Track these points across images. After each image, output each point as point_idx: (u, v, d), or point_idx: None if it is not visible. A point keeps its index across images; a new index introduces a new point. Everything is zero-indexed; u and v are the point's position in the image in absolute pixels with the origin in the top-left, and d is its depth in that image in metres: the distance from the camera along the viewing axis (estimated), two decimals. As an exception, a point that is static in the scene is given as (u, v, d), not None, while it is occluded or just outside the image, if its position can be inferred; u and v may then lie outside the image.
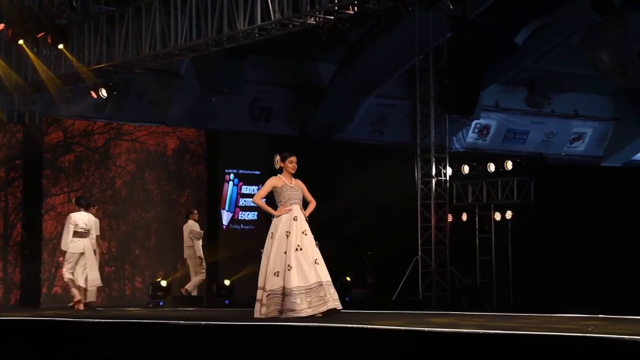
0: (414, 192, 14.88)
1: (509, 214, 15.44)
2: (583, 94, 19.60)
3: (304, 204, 8.87)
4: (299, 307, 8.38)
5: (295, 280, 8.45)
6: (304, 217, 8.76)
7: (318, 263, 8.58)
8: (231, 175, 17.45)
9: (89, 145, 16.28)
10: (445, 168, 14.95)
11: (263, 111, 17.26)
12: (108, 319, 8.88)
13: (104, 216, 15.33)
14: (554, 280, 14.65)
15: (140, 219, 16.77)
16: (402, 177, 15.53)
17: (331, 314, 8.50)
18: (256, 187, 17.60)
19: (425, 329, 6.39)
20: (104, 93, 13.59)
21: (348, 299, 14.38)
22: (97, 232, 13.20)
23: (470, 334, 6.18)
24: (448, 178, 14.99)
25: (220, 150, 17.37)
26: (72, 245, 12.47)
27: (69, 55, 13.10)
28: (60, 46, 12.86)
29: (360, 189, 15.76)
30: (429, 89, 14.74)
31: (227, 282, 15.36)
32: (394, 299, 14.54)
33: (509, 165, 15.16)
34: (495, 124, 19.41)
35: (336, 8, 10.67)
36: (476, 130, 19.31)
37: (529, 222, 15.20)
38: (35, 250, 15.41)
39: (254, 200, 9.07)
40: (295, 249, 8.54)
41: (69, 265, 12.49)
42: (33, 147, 15.44)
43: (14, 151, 15.41)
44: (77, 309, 12.44)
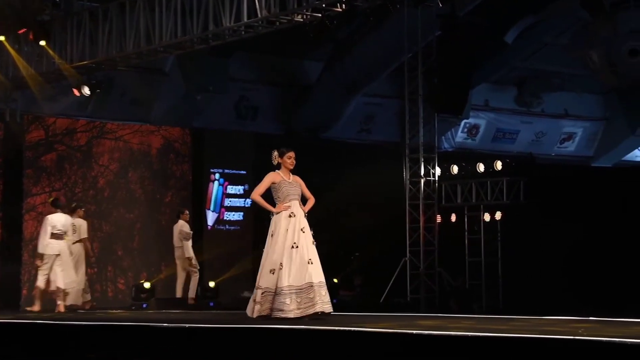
0: (402, 193, 14.90)
1: (498, 215, 15.47)
2: (573, 93, 19.68)
3: (303, 201, 8.80)
4: (288, 308, 8.36)
5: (286, 280, 8.42)
6: (303, 214, 8.71)
7: (312, 263, 8.54)
8: (216, 175, 17.44)
9: (71, 144, 16.23)
10: (434, 168, 14.97)
11: (249, 110, 17.25)
12: (90, 322, 8.85)
13: (86, 216, 15.27)
14: (544, 282, 14.69)
15: (123, 219, 16.73)
16: (390, 177, 15.54)
17: (318, 317, 8.48)
18: (242, 187, 17.60)
19: (414, 332, 6.40)
20: (86, 91, 13.55)
21: (335, 300, 14.27)
22: (85, 235, 13.20)
23: (459, 336, 6.20)
24: (437, 178, 15.01)
25: (205, 149, 17.35)
26: (49, 247, 12.48)
27: (51, 52, 13.06)
28: (42, 43, 12.82)
29: (347, 189, 15.77)
30: (417, 87, 14.76)
31: (212, 284, 15.35)
32: (381, 301, 14.55)
33: (499, 165, 15.20)
34: (484, 123, 19.46)
35: (324, 5, 10.68)
36: (465, 130, 19.36)
37: (519, 223, 15.23)
38: (15, 251, 15.34)
39: (252, 196, 8.85)
40: (291, 247, 8.50)
41: (44, 270, 12.49)
42: (14, 146, 15.38)
43: (-6, 149, 15.36)
44: (58, 311, 12.45)
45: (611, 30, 13.44)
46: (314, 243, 8.65)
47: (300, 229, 8.60)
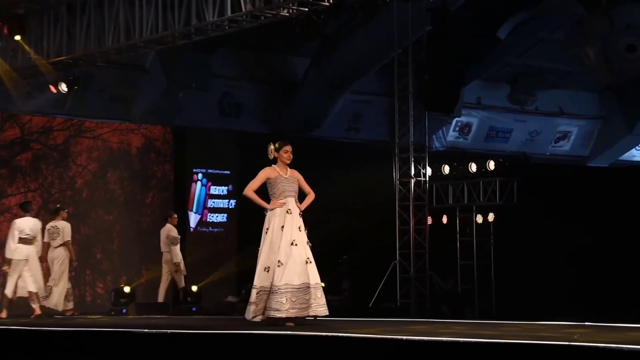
0: (391, 193, 14.91)
1: (491, 216, 15.52)
2: (568, 90, 19.75)
3: (302, 197, 8.76)
4: (284, 308, 8.35)
5: (284, 278, 8.39)
6: (299, 212, 8.67)
7: (310, 262, 8.56)
8: (199, 175, 17.41)
9: (48, 143, 16.19)
10: (424, 168, 15.00)
11: (233, 107, 17.24)
12: (68, 327, 8.83)
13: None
14: (538, 285, 14.75)
15: (102, 221, 16.70)
16: (379, 178, 15.55)
17: (310, 321, 8.49)
18: (226, 188, 17.58)
19: (404, 338, 6.41)
20: (64, 87, 13.52)
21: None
22: (69, 237, 13.22)
23: (450, 342, 6.21)
24: (428, 178, 15.04)
25: (187, 149, 17.33)
26: (16, 252, 12.48)
27: (27, 47, 13.02)
28: (18, 37, 12.79)
29: (335, 190, 15.75)
30: (407, 84, 14.77)
31: (195, 288, 15.29)
32: (370, 305, 14.57)
33: (492, 165, 15.24)
34: (476, 122, 19.51)
35: (310, -1, 10.68)
36: (457, 129, 19.40)
37: (512, 225, 15.28)
38: (-11, 254, 15.28)
39: (245, 192, 8.68)
40: (291, 244, 8.47)
41: (13, 277, 12.49)
42: (-12, 145, 15.36)
43: (-33, 149, 15.32)
44: (35, 315, 12.45)
45: (607, 25, 13.49)
46: (309, 244, 8.65)
47: (297, 227, 8.59)
